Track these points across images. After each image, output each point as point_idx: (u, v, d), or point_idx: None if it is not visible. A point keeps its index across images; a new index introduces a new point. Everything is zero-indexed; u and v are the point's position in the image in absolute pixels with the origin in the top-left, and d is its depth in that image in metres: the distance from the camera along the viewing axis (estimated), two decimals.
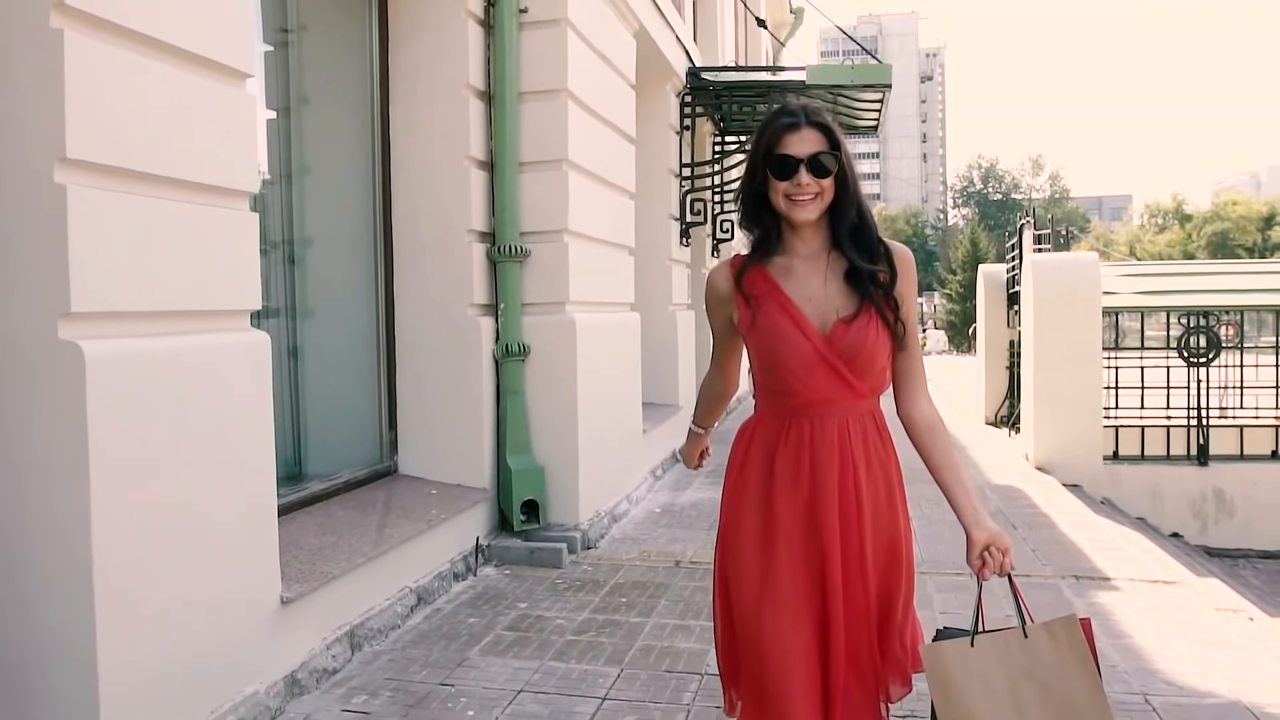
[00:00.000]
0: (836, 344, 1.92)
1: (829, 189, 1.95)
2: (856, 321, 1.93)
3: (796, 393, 1.94)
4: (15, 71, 2.36)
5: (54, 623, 2.40)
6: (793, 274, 1.98)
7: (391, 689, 3.33)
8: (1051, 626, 1.86)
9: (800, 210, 1.95)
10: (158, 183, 2.65)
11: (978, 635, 1.85)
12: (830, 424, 1.94)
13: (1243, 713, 3.15)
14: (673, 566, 4.91)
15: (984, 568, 1.93)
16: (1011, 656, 1.84)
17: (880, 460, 1.98)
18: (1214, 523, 8.05)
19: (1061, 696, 1.81)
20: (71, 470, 2.37)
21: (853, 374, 1.93)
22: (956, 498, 1.98)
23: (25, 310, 2.38)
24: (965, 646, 1.85)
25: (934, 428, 2.03)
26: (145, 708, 2.55)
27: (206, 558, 2.80)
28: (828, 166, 1.93)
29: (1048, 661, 1.83)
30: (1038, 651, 1.84)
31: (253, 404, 3.03)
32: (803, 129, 1.94)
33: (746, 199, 2.04)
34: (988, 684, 1.82)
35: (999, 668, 1.83)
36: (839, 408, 1.95)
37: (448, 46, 4.87)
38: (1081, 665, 1.83)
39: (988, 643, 1.85)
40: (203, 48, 2.80)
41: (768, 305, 1.96)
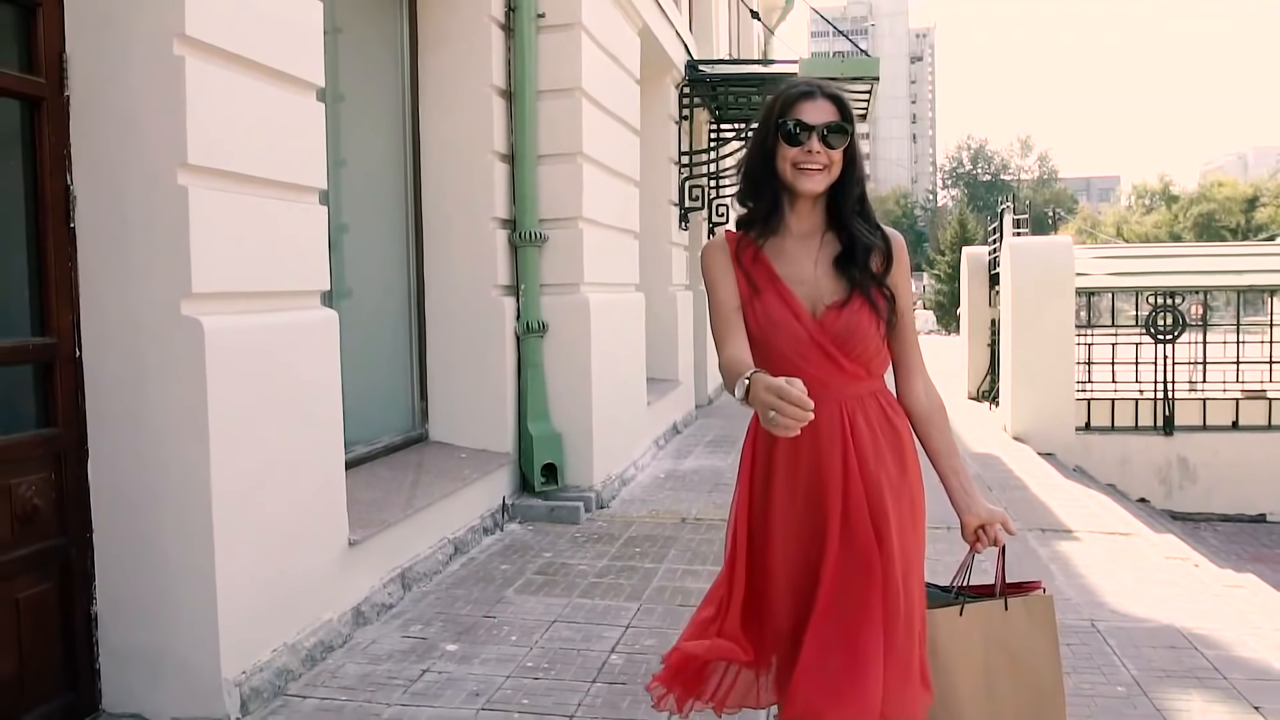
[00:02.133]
0: (829, 328, 1.91)
1: (837, 163, 1.93)
2: (848, 306, 1.91)
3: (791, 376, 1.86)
4: (144, 92, 2.82)
5: (181, 552, 2.89)
6: (784, 254, 1.96)
7: (442, 620, 3.84)
8: (1030, 603, 1.97)
9: (807, 180, 1.91)
10: (252, 182, 3.12)
11: (967, 605, 1.94)
12: (827, 408, 1.88)
13: (1174, 634, 3.69)
14: (679, 523, 5.42)
15: (977, 543, 1.99)
16: (991, 628, 1.92)
17: (889, 439, 1.95)
18: (1178, 488, 8.63)
19: (1027, 670, 1.93)
20: (194, 424, 2.86)
21: (846, 358, 1.92)
22: (949, 483, 2.02)
23: (154, 291, 2.85)
24: (955, 616, 1.92)
25: (930, 415, 2.03)
26: (251, 625, 3.05)
27: (294, 501, 3.29)
28: (840, 138, 1.91)
29: (1021, 635, 1.93)
30: (1014, 625, 1.93)
31: (325, 371, 3.52)
32: (818, 99, 1.92)
33: (753, 166, 1.99)
34: (969, 654, 1.91)
35: (980, 638, 1.91)
36: (834, 391, 1.91)
37: (472, 49, 5.33)
38: (1050, 644, 1.95)
39: (974, 613, 1.93)
40: (283, 64, 3.26)
41: (765, 289, 1.94)
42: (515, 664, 3.39)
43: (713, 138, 10.02)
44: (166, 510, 2.90)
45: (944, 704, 1.90)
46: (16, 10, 2.74)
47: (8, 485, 2.66)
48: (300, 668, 3.27)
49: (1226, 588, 4.55)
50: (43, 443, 2.79)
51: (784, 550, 1.95)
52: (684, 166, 9.27)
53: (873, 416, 1.94)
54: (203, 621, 2.90)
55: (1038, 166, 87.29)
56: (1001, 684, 1.92)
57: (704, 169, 9.61)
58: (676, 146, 9.05)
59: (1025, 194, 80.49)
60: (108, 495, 2.91)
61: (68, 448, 2.85)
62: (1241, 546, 7.89)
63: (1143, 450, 8.68)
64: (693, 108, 9.37)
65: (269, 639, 3.15)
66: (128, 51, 2.81)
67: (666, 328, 8.67)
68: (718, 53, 11.53)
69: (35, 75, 2.77)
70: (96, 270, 2.88)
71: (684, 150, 9.26)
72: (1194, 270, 9.20)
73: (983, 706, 1.93)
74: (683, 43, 8.98)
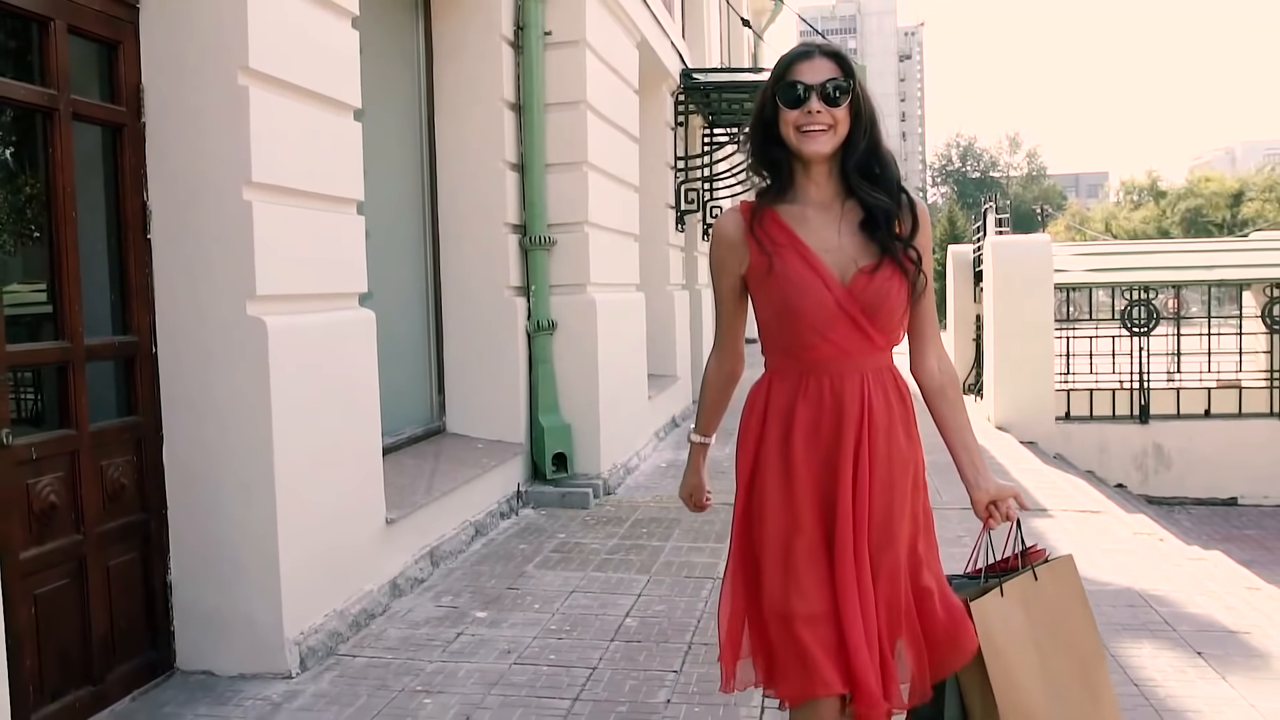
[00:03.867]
0: (859, 296, 1.83)
1: (843, 121, 1.83)
2: (879, 273, 1.83)
3: (815, 346, 1.85)
4: (211, 118, 3.19)
5: (247, 523, 3.26)
6: (807, 222, 1.87)
7: (470, 592, 4.21)
8: (1055, 568, 1.94)
9: (811, 142, 1.82)
10: (303, 195, 3.49)
11: (1003, 584, 1.87)
12: (851, 380, 1.86)
13: (1133, 595, 4.09)
14: (681, 507, 5.78)
15: (990, 519, 1.94)
16: (1029, 602, 1.87)
17: (901, 417, 1.91)
18: (1154, 474, 9.05)
19: (1069, 639, 1.89)
20: (259, 412, 3.22)
21: (874, 327, 1.84)
22: (959, 458, 1.97)
23: (221, 294, 3.22)
24: (999, 599, 1.86)
25: (944, 389, 1.98)
26: (307, 590, 3.42)
27: (341, 482, 3.66)
28: (840, 94, 1.82)
29: (1055, 603, 1.89)
30: (1047, 594, 1.89)
31: (365, 365, 3.90)
32: (816, 58, 1.85)
33: (755, 134, 1.91)
34: (1019, 636, 1.84)
35: (1023, 616, 1.85)
36: (857, 362, 1.86)
37: (484, 65, 5.70)
38: (1083, 606, 1.93)
39: (1011, 591, 1.87)
40: (328, 88, 3.64)
41: (786, 254, 1.85)
42: (540, 627, 3.77)
43: (706, 142, 10.41)
44: (233, 488, 3.27)
45: (1006, 694, 1.82)
46: (100, 48, 3.11)
47: (99, 467, 3.02)
48: (348, 631, 3.65)
49: (1189, 560, 4.94)
50: (127, 429, 3.16)
51: (803, 524, 1.87)
52: (680, 171, 9.66)
53: (889, 392, 1.90)
54: (267, 587, 3.27)
55: (1027, 163, 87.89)
56: (1053, 660, 1.86)
57: (699, 173, 9.99)
58: (672, 151, 9.44)
59: (1014, 191, 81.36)
60: (181, 475, 3.29)
61: (147, 433, 3.23)
62: (1213, 528, 8.31)
63: (1120, 438, 9.10)
64: (687, 114, 9.75)
65: (321, 605, 3.53)
66: (197, 82, 3.18)
67: (664, 325, 9.04)
68: (710, 59, 11.93)
69: (117, 105, 3.14)
70: (170, 276, 3.25)
71: (679, 155, 9.65)
72: (1167, 266, 9.63)
73: (1044, 688, 1.85)
74: (677, 52, 9.36)
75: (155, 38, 3.19)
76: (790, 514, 1.88)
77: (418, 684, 3.25)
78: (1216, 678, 3.21)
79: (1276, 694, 3.09)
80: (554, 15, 5.86)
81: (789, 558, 1.86)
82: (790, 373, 1.90)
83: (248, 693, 3.17)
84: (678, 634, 3.67)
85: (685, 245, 10.08)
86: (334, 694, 3.18)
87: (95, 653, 2.99)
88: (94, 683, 2.99)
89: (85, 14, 2.97)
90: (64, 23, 2.88)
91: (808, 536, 1.86)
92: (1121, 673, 3.23)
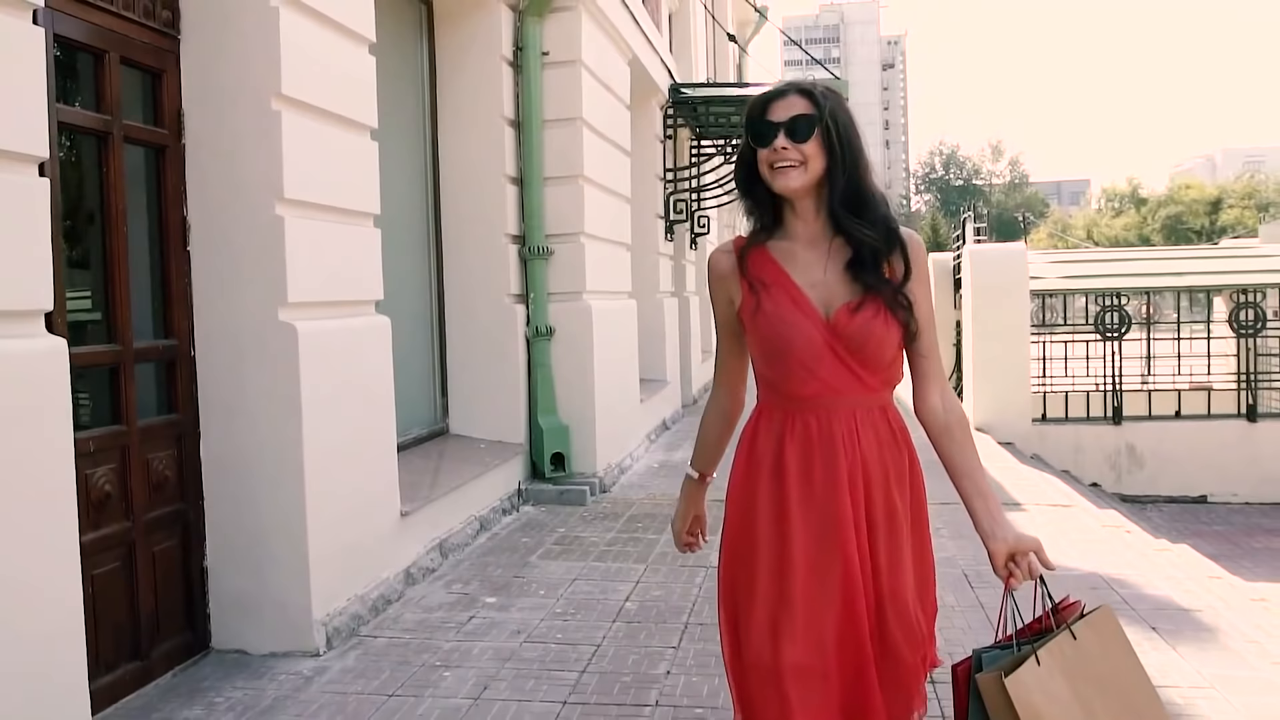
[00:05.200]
0: (841, 332, 1.79)
1: (814, 156, 1.80)
2: (863, 310, 1.79)
3: (804, 382, 1.81)
4: (246, 139, 3.47)
5: (278, 513, 3.53)
6: (795, 258, 1.85)
7: (479, 580, 4.49)
8: (1093, 622, 1.78)
9: (782, 178, 1.80)
10: (328, 210, 3.78)
11: (1038, 650, 1.71)
12: (838, 417, 1.81)
13: (1097, 579, 4.40)
14: (674, 503, 6.08)
15: (1011, 578, 1.78)
16: (1069, 664, 1.73)
17: (893, 457, 1.84)
18: (1127, 473, 9.41)
19: (1120, 694, 1.76)
20: (290, 410, 3.50)
21: (860, 365, 1.80)
22: (972, 506, 1.83)
23: (255, 301, 3.50)
24: (1035, 669, 1.70)
25: (948, 429, 1.86)
26: (332, 576, 3.70)
27: (362, 475, 3.94)
28: (806, 130, 1.79)
29: (1099, 660, 1.75)
30: (1089, 652, 1.75)
31: (382, 368, 4.18)
32: (789, 96, 1.83)
33: (738, 178, 1.93)
34: (1063, 703, 1.70)
35: (1064, 680, 1.72)
36: (847, 400, 1.81)
37: (485, 84, 5.99)
38: (1129, 657, 1.78)
39: (1048, 656, 1.71)
40: (349, 111, 3.93)
41: (774, 290, 1.83)
42: (546, 610, 4.06)
43: (694, 154, 10.74)
44: (265, 480, 3.54)
45: None
46: (146, 76, 3.39)
47: (146, 460, 3.29)
48: (368, 614, 3.92)
49: (1154, 551, 5.27)
50: (169, 425, 3.44)
51: (797, 567, 1.80)
52: (669, 182, 9.98)
53: (881, 432, 1.84)
54: (297, 572, 3.55)
55: (1009, 171, 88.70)
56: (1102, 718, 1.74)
57: (687, 184, 10.31)
58: (661, 163, 9.76)
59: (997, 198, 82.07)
60: (216, 468, 3.56)
61: (186, 429, 3.50)
62: (1184, 525, 8.65)
63: (1094, 439, 9.46)
64: (676, 127, 10.08)
65: (344, 589, 3.80)
66: (233, 107, 3.47)
67: (655, 331, 9.35)
68: (697, 73, 12.28)
69: (160, 127, 3.42)
70: (207, 284, 3.52)
71: (668, 167, 9.97)
72: (1139, 273, 10.01)
73: None
74: (666, 68, 9.68)
75: (195, 66, 3.48)
76: (785, 557, 1.80)
77: (436, 660, 3.53)
78: (1167, 648, 3.53)
79: (1221, 661, 3.41)
80: (551, 36, 6.17)
81: (780, 602, 1.78)
82: (778, 410, 1.86)
83: (279, 669, 3.44)
84: (674, 615, 3.96)
85: (674, 254, 10.40)
86: (359, 669, 3.45)
87: (142, 631, 3.26)
88: (141, 658, 3.25)
89: (135, 46, 3.25)
90: (117, 54, 3.16)
91: (802, 581, 1.77)
92: None
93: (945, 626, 3.73)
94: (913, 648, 1.82)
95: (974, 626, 3.78)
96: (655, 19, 9.97)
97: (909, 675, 1.83)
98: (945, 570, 3.96)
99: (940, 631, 3.60)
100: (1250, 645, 3.59)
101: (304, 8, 3.59)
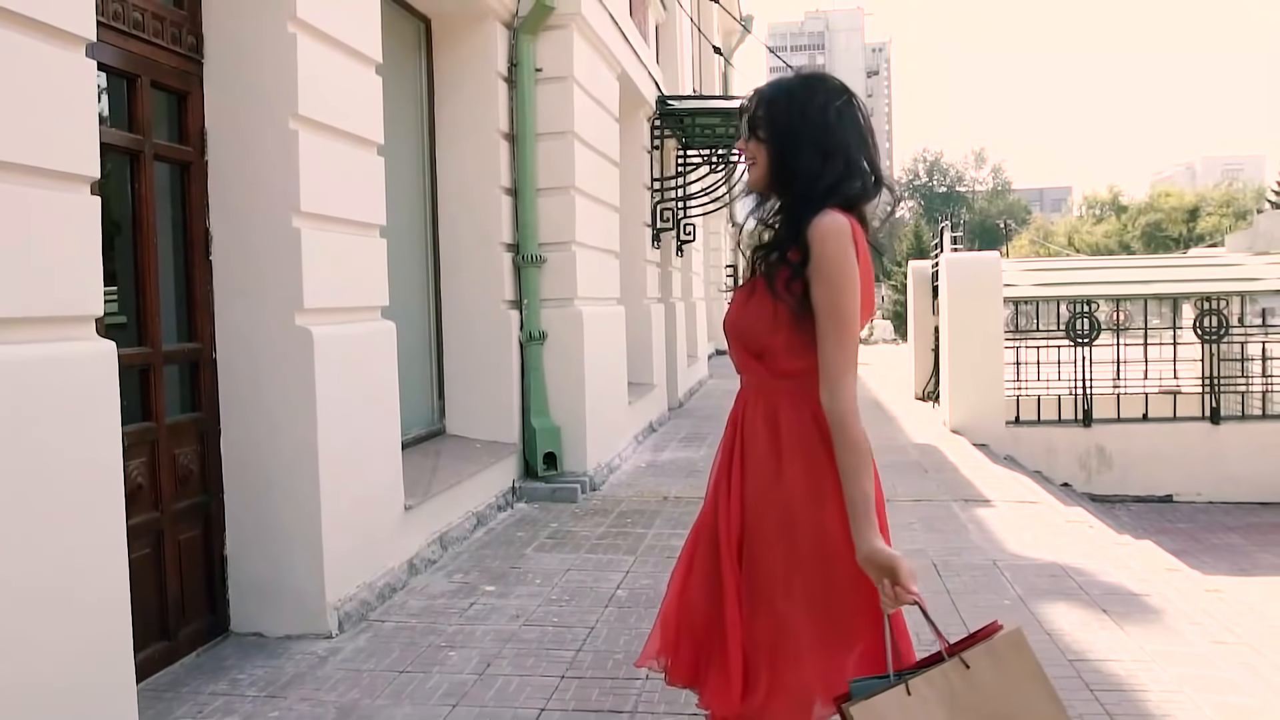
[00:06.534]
0: (733, 317, 1.93)
1: (760, 157, 1.89)
2: (754, 296, 1.87)
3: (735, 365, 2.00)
4: (266, 156, 3.73)
5: (293, 506, 3.79)
6: None
7: (478, 570, 4.76)
8: (994, 648, 1.63)
9: (748, 175, 1.95)
10: (340, 222, 4.04)
11: (911, 679, 1.59)
12: (742, 396, 1.94)
13: (1056, 568, 4.71)
14: (662, 500, 6.38)
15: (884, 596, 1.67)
16: (956, 695, 1.58)
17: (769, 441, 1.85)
18: (1097, 474, 9.75)
19: None
20: (305, 409, 3.76)
21: (744, 348, 1.90)
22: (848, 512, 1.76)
23: (273, 307, 3.76)
24: (902, 696, 1.57)
25: (831, 429, 1.77)
26: (344, 565, 3.95)
27: (370, 470, 4.20)
28: (750, 127, 1.91)
29: (992, 689, 1.59)
30: (982, 682, 1.60)
31: (388, 369, 4.45)
32: (753, 99, 1.95)
33: None
34: None
35: (944, 711, 1.57)
36: (751, 382, 1.93)
37: (481, 100, 6.26)
38: (1038, 685, 1.62)
39: (926, 686, 1.59)
40: (358, 129, 4.19)
41: None
42: (543, 597, 4.33)
43: (680, 164, 11.04)
44: (281, 474, 3.80)
45: None
46: (172, 97, 3.65)
47: (173, 454, 3.55)
48: (375, 601, 4.18)
49: (1115, 544, 5.58)
50: (193, 423, 3.69)
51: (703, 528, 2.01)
52: (655, 191, 10.27)
53: (766, 419, 1.86)
54: (311, 561, 3.80)
55: (992, 178, 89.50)
56: None
57: (674, 193, 10.61)
58: (649, 173, 10.05)
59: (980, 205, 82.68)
60: (236, 464, 3.81)
61: (208, 426, 3.76)
62: (1150, 522, 8.99)
63: (1065, 440, 9.80)
64: (663, 138, 10.38)
65: (354, 577, 4.06)
66: (253, 126, 3.73)
67: (642, 336, 9.63)
68: (683, 84, 12.59)
69: (185, 145, 3.68)
70: (228, 291, 3.78)
71: (655, 177, 10.26)
72: (1108, 281, 10.37)
73: None
74: (653, 80, 9.98)
75: (217, 88, 3.74)
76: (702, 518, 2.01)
77: (442, 641, 3.79)
78: (1115, 627, 3.83)
79: (1164, 639, 3.71)
80: (544, 54, 6.45)
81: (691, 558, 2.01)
82: None
83: (296, 650, 3.70)
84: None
85: (660, 261, 10.69)
86: (370, 649, 3.71)
87: (170, 613, 3.51)
88: (169, 639, 3.51)
89: (164, 70, 3.51)
90: (148, 78, 3.42)
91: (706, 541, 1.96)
92: (1035, 624, 3.84)
93: (911, 610, 4.03)
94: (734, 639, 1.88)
95: (939, 611, 4.07)
96: (642, 30, 10.27)
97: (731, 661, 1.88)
98: (915, 560, 4.23)
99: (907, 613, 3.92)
100: (1194, 626, 3.89)
101: (318, 33, 3.86)
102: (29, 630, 2.44)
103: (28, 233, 2.47)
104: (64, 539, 2.56)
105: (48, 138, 2.53)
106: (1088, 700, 3.16)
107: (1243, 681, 3.32)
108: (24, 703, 2.41)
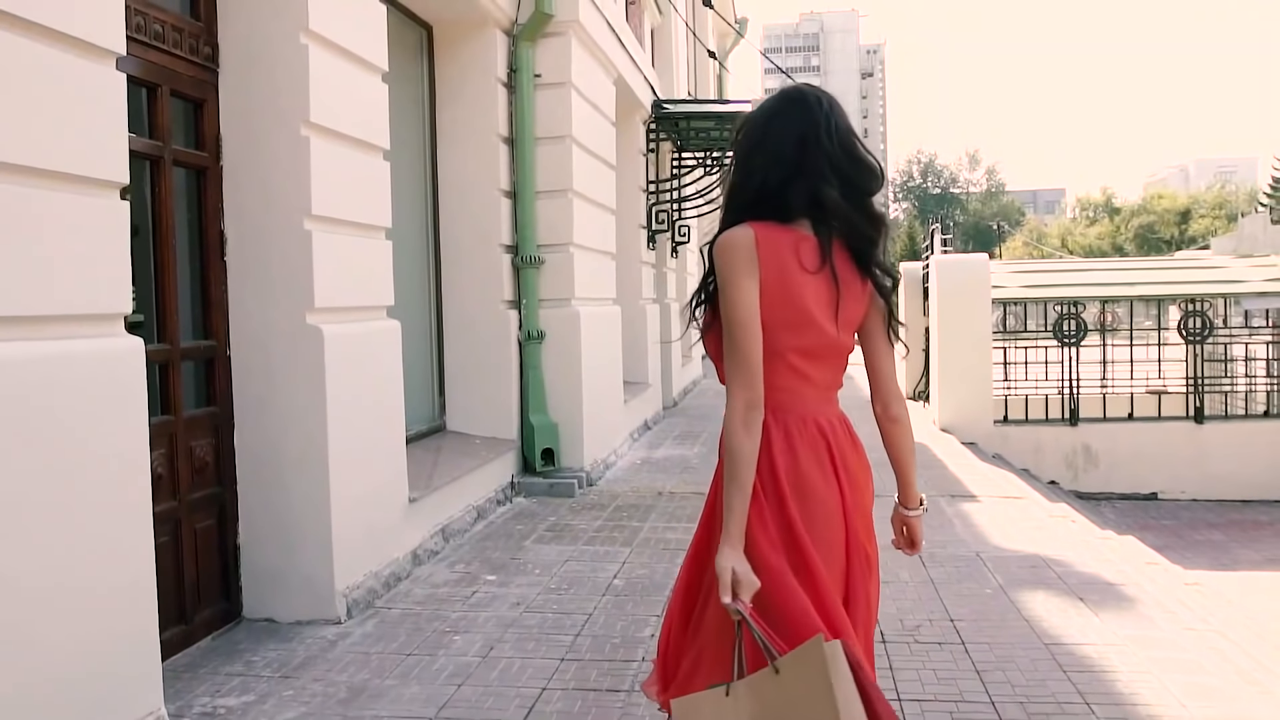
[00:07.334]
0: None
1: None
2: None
3: None
4: (278, 161, 3.90)
5: (304, 497, 3.95)
6: None
7: (479, 561, 4.92)
8: (801, 655, 1.66)
9: None
10: (348, 225, 4.21)
11: (732, 685, 1.70)
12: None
13: (1037, 559, 4.89)
14: (656, 495, 6.55)
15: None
16: (767, 701, 1.66)
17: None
18: (1083, 472, 9.95)
19: None
20: (316, 404, 3.92)
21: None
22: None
23: (285, 307, 3.92)
24: (720, 697, 1.69)
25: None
26: (352, 554, 4.12)
27: (376, 463, 4.37)
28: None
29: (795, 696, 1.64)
30: (788, 689, 1.65)
31: (393, 366, 4.61)
32: None
33: None
34: None
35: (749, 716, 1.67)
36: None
37: (481, 105, 6.43)
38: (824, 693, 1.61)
39: (746, 690, 1.69)
40: (366, 135, 4.35)
41: None
42: (542, 586, 4.49)
43: (675, 167, 11.21)
44: (293, 466, 3.96)
45: None
46: (189, 105, 3.81)
47: (190, 446, 3.71)
48: (381, 589, 4.34)
49: (1096, 539, 5.76)
50: (208, 417, 3.85)
51: None
52: (651, 194, 10.44)
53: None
54: (321, 549, 3.97)
55: (986, 180, 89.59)
56: None
57: (669, 195, 10.78)
58: (645, 176, 10.22)
59: (974, 207, 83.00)
60: (249, 456, 3.98)
61: (223, 421, 3.92)
62: (1134, 519, 9.18)
63: (1052, 439, 9.99)
64: (659, 141, 10.55)
65: (361, 566, 4.22)
66: (267, 132, 3.90)
67: (638, 336, 9.79)
68: (678, 87, 12.77)
69: (201, 151, 3.84)
70: (242, 291, 3.94)
71: (651, 179, 10.44)
72: (1095, 283, 10.57)
73: None
74: (649, 84, 10.15)
75: (232, 96, 3.90)
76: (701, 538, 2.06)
77: (446, 626, 3.96)
78: (1090, 614, 4.01)
79: (1136, 625, 3.89)
80: (543, 59, 6.62)
81: None
82: None
83: (306, 634, 3.86)
84: (658, 590, 4.41)
85: (656, 262, 10.86)
86: (378, 634, 3.88)
87: (187, 599, 3.67)
88: (185, 623, 3.66)
89: (182, 79, 3.67)
90: (168, 87, 3.58)
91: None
92: (1015, 611, 4.02)
93: (898, 598, 4.21)
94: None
95: (924, 599, 4.25)
96: (638, 34, 10.45)
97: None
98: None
99: (893, 601, 4.09)
100: (1167, 614, 4.07)
101: (329, 43, 4.02)
102: (63, 618, 2.59)
103: (64, 235, 2.63)
104: (95, 529, 2.71)
105: (82, 147, 2.69)
106: (1060, 680, 3.34)
107: (1210, 664, 3.50)
108: (59, 687, 2.57)
